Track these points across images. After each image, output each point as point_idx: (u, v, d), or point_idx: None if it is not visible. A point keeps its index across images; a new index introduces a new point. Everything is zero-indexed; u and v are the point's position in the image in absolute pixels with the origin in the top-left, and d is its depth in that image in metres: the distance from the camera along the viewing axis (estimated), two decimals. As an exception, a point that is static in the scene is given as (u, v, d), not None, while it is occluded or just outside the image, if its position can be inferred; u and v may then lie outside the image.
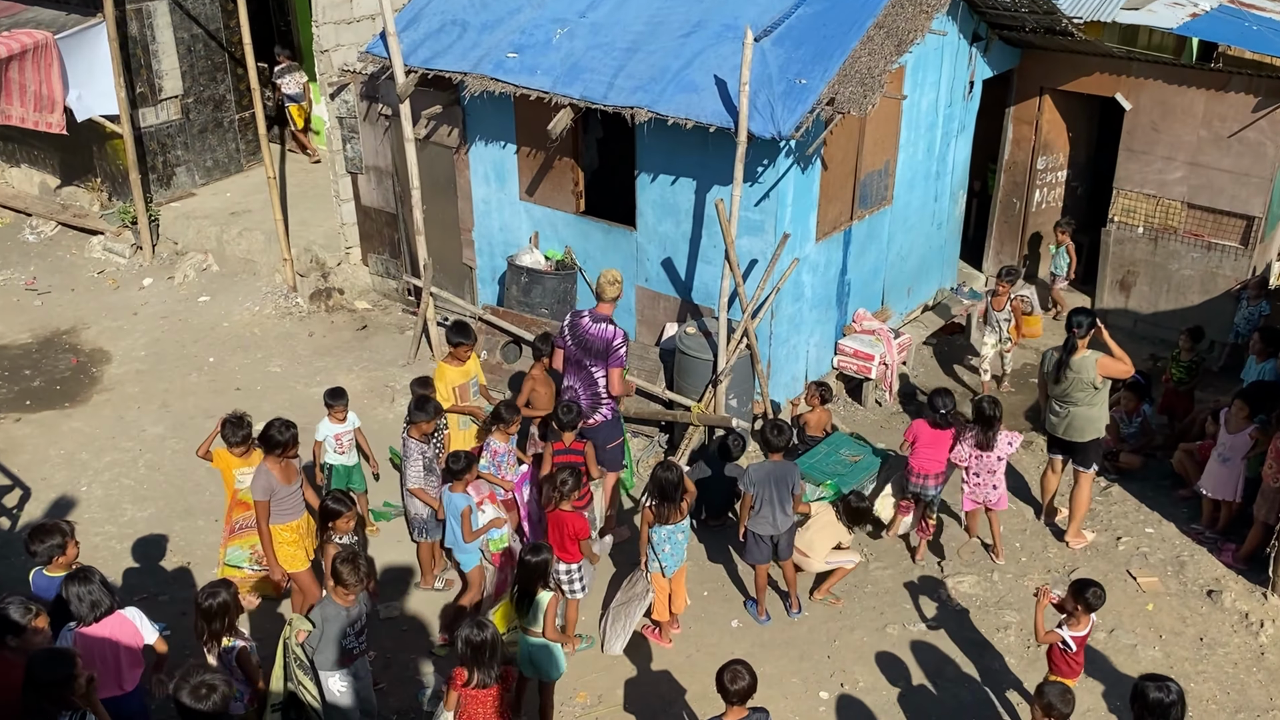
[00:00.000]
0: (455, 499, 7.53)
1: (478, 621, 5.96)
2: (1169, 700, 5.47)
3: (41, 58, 12.50)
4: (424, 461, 7.91)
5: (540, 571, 6.54)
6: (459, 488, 7.53)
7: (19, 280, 13.27)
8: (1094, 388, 8.19)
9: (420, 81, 10.36)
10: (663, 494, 7.32)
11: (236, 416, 7.75)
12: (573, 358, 8.60)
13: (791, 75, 8.88)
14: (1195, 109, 10.98)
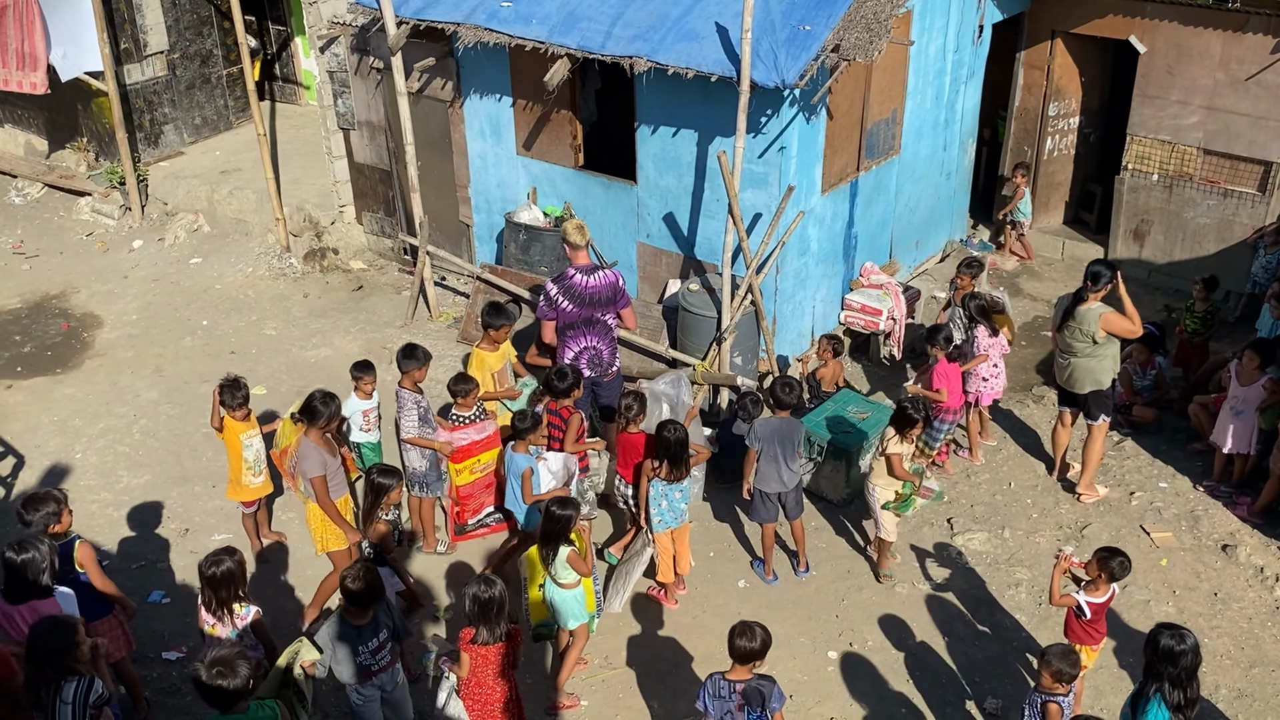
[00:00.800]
0: (517, 459, 7.55)
1: (485, 578, 6.02)
2: (1180, 648, 5.49)
3: (23, 14, 12.39)
4: (419, 411, 7.94)
5: (565, 525, 6.62)
6: (521, 448, 7.54)
7: (6, 244, 13.25)
8: (1093, 340, 8.20)
9: (412, 33, 10.27)
10: (669, 454, 7.33)
11: (232, 379, 7.75)
12: (578, 319, 8.41)
13: (795, 22, 8.79)
14: (1212, 51, 10.86)
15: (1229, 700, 7.20)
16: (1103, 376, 8.42)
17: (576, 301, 8.39)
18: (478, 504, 8.34)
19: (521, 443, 7.55)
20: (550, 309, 8.41)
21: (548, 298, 8.42)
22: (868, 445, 8.72)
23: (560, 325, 8.45)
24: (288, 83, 15.52)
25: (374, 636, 5.99)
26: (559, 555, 6.67)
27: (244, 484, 7.90)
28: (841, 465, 8.68)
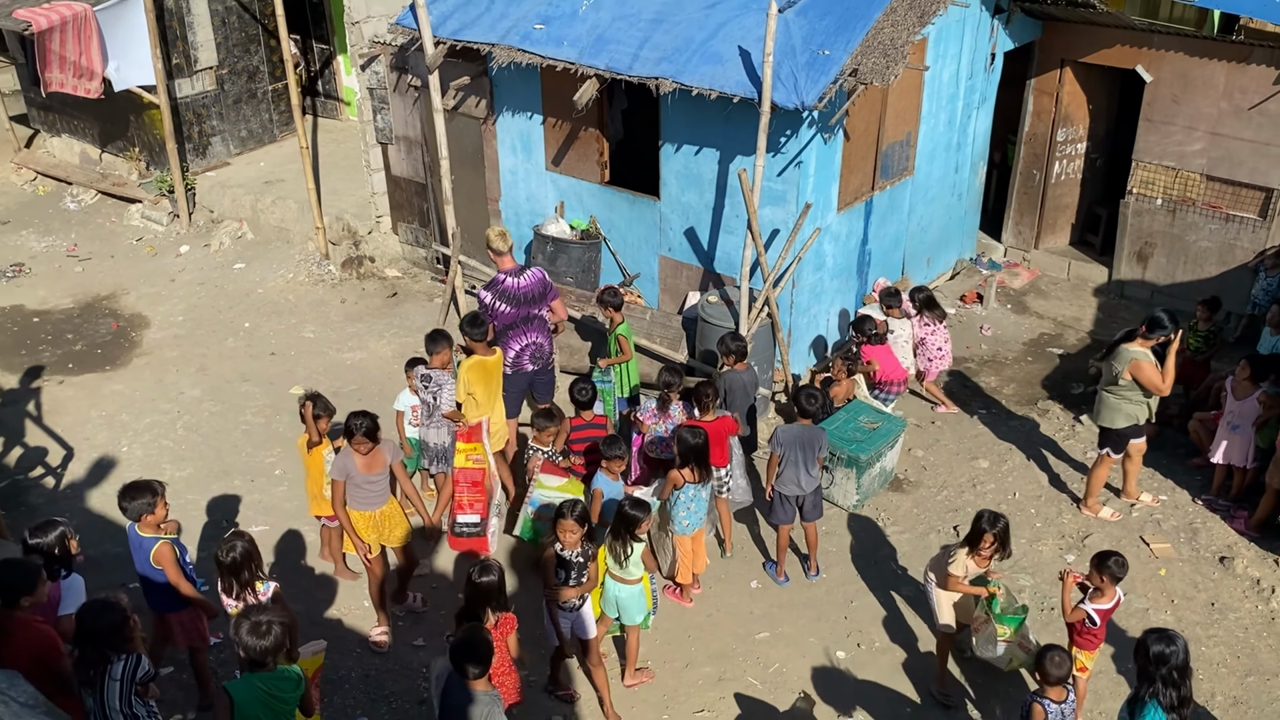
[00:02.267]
0: (597, 478, 7.41)
1: (483, 564, 6.02)
2: (1169, 650, 5.42)
3: (81, 29, 12.52)
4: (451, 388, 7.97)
5: (637, 523, 6.61)
6: (608, 472, 7.35)
7: (61, 247, 13.36)
8: (1117, 380, 8.12)
9: (449, 53, 10.31)
10: (694, 457, 7.30)
11: (315, 393, 7.63)
12: (518, 318, 8.55)
13: (815, 46, 8.78)
14: (1216, 81, 10.79)
15: (1224, 707, 7.13)
16: (1116, 416, 8.28)
17: (512, 303, 8.50)
18: (472, 499, 8.21)
19: (608, 466, 7.33)
20: (487, 313, 8.47)
21: (485, 305, 8.53)
22: (877, 452, 8.69)
23: (500, 327, 8.52)
24: (330, 98, 15.61)
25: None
26: (634, 551, 6.70)
27: (326, 497, 7.57)
28: (852, 472, 8.64)
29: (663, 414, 8.26)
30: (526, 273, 8.58)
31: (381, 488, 7.14)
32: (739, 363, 8.41)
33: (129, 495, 6.32)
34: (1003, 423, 9.92)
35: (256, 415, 10.03)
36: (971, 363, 10.91)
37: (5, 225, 13.86)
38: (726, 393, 8.27)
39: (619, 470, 7.35)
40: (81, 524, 8.61)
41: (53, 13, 12.41)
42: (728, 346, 8.43)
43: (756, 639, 7.65)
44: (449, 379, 8.00)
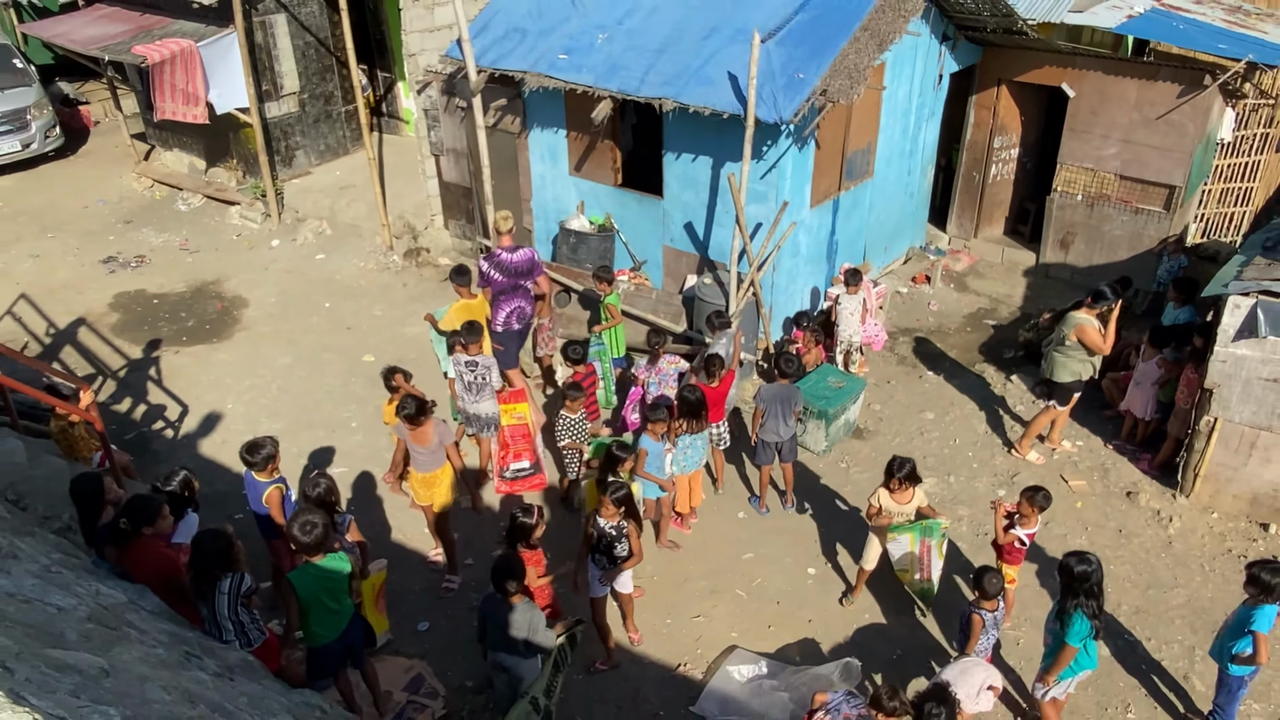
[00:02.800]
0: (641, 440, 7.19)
1: (525, 508, 6.09)
2: (1089, 569, 5.47)
3: (187, 62, 12.51)
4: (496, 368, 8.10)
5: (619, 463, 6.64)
6: (650, 433, 7.10)
7: (175, 242, 13.42)
8: (1064, 341, 8.09)
9: (489, 79, 10.26)
10: (691, 410, 7.34)
11: (397, 368, 7.62)
12: (506, 286, 8.70)
13: (791, 70, 8.70)
14: (1129, 96, 10.64)
15: (1129, 615, 7.17)
16: (1061, 372, 8.23)
17: (504, 273, 8.66)
18: (517, 450, 8.33)
19: (651, 428, 7.08)
20: (483, 280, 8.70)
21: (480, 272, 8.71)
22: (842, 406, 8.70)
23: (494, 292, 8.71)
24: (392, 118, 15.55)
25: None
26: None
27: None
28: (822, 423, 8.65)
29: (652, 367, 8.37)
30: (520, 251, 8.70)
31: (432, 457, 6.95)
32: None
33: (251, 451, 6.40)
34: (946, 382, 9.90)
35: (335, 379, 10.09)
36: (921, 332, 10.87)
37: (129, 224, 13.91)
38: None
39: (660, 432, 7.05)
40: (195, 468, 8.60)
41: (164, 48, 12.40)
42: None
43: (743, 559, 7.71)
44: (493, 361, 8.07)
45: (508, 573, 5.47)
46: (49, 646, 3.49)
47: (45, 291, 11.99)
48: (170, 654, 4.34)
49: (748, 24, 9.21)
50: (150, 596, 5.38)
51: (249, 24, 12.85)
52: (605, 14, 10.13)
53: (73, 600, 4.29)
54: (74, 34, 13.73)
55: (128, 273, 12.52)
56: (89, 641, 3.84)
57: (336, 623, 5.61)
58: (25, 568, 4.58)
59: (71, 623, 3.96)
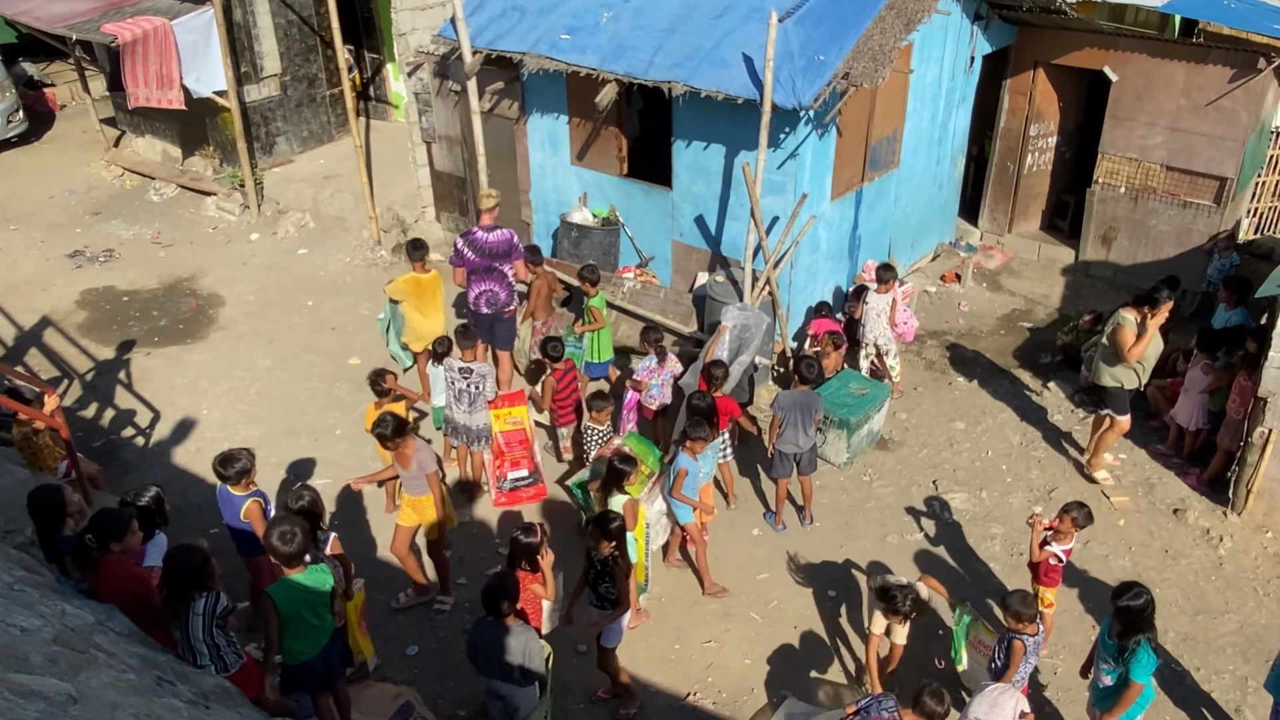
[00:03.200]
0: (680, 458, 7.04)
1: (528, 527, 6.09)
2: (1146, 600, 5.48)
3: (161, 42, 12.54)
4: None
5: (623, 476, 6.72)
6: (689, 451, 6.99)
7: (146, 235, 13.45)
8: (1106, 340, 8.06)
9: (485, 61, 10.28)
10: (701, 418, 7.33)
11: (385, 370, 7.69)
12: (480, 267, 8.94)
13: (811, 52, 8.70)
14: (1176, 80, 10.62)
15: (1176, 642, 7.14)
16: (1103, 375, 8.12)
17: (477, 252, 8.87)
18: (514, 458, 8.35)
19: (691, 446, 6.98)
20: (458, 258, 8.92)
21: (455, 249, 8.96)
22: (865, 415, 8.69)
23: (468, 271, 8.95)
24: (380, 102, 15.59)
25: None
26: (613, 502, 6.72)
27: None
28: (843, 433, 8.64)
29: (661, 366, 8.44)
30: (497, 231, 8.91)
31: (414, 481, 6.90)
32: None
33: (225, 464, 6.39)
34: (978, 389, 9.89)
35: (319, 382, 10.11)
36: (950, 335, 10.86)
37: (98, 215, 13.96)
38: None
39: (699, 451, 6.97)
40: (167, 477, 8.75)
41: (135, 27, 12.44)
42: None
43: (757, 579, 7.70)
44: (490, 369, 8.08)
45: (500, 593, 5.48)
46: (13, 671, 3.50)
47: (7, 287, 12.04)
48: (142, 679, 4.34)
49: (764, 2, 9.22)
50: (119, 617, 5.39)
51: (227, 1, 12.88)
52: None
53: (38, 621, 4.30)
54: (39, 11, 13.78)
55: (96, 268, 12.56)
56: (55, 665, 3.84)
57: (317, 639, 5.64)
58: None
59: (37, 645, 3.97)
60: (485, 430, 8.21)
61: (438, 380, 8.44)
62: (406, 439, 6.81)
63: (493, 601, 5.47)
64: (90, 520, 5.62)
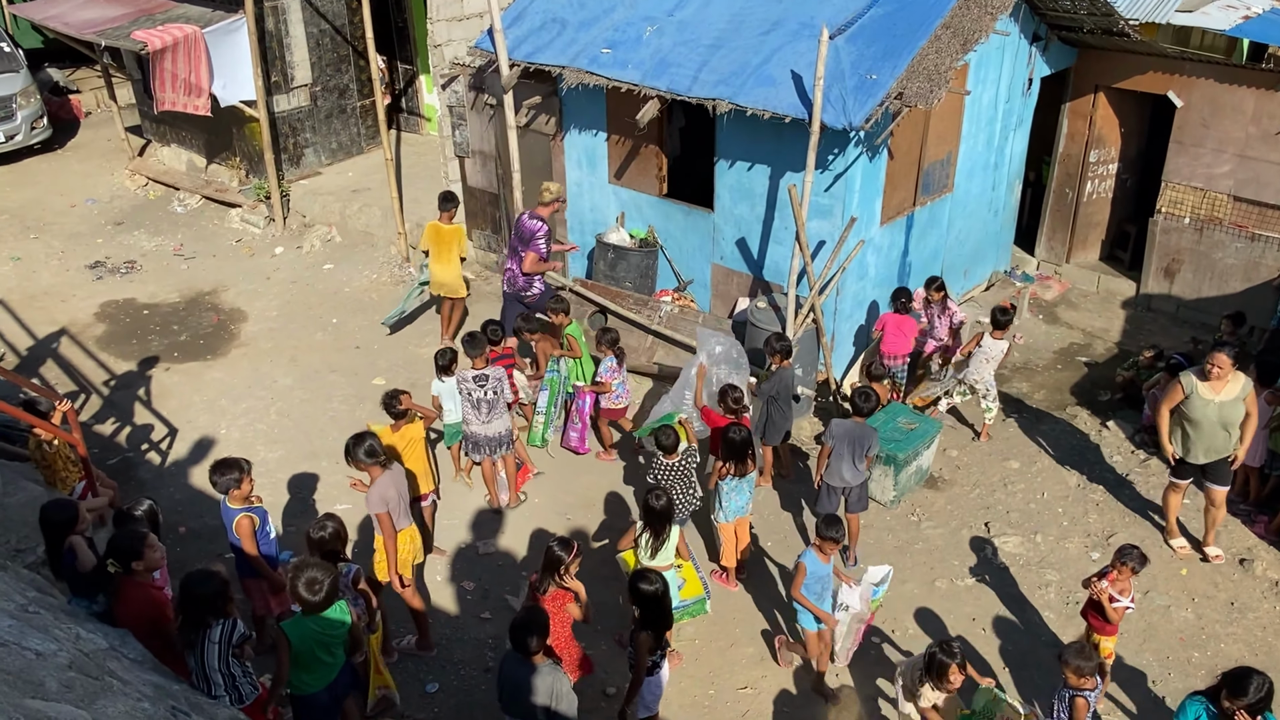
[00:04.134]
0: (808, 557, 6.60)
1: (562, 540, 6.12)
2: (1265, 684, 5.10)
3: (191, 49, 12.76)
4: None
5: (669, 515, 6.66)
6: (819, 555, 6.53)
7: (168, 247, 13.63)
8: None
9: (522, 74, 10.36)
10: (734, 452, 7.28)
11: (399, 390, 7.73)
12: (511, 246, 9.98)
13: (863, 71, 8.69)
14: (1245, 107, 10.51)
15: None
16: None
17: (514, 233, 9.92)
18: None
19: (819, 544, 6.47)
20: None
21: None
22: (914, 452, 8.58)
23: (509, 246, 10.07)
24: (412, 115, 15.76)
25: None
26: (668, 542, 6.70)
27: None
28: (890, 470, 8.54)
29: (621, 366, 8.95)
30: (533, 220, 9.71)
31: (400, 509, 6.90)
32: (784, 360, 8.34)
33: (219, 471, 6.44)
34: (1033, 426, 9.76)
35: (342, 403, 10.15)
36: (1004, 369, 10.73)
37: (120, 226, 14.17)
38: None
39: (832, 551, 6.48)
40: (184, 498, 8.81)
41: (166, 34, 12.67)
42: (774, 346, 8.35)
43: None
44: (503, 372, 8.21)
45: (528, 629, 5.42)
46: (28, 696, 3.49)
47: (25, 298, 12.22)
48: (156, 709, 4.32)
49: (814, 18, 9.24)
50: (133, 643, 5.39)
51: (260, 9, 13.09)
52: (655, 4, 10.21)
53: (52, 645, 4.30)
54: (68, 17, 14.09)
55: (116, 279, 12.73)
56: (70, 692, 3.83)
57: (327, 674, 5.66)
58: (1, 606, 4.60)
59: (52, 670, 3.96)
60: (507, 436, 8.28)
61: (445, 395, 8.45)
62: (371, 466, 6.75)
63: (520, 637, 5.42)
64: (109, 545, 5.65)
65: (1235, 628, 7.52)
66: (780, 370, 8.33)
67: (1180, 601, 7.74)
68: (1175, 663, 7.20)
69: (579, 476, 9.07)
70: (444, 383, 8.36)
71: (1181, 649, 7.31)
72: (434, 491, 7.96)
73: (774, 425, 8.49)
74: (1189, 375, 7.68)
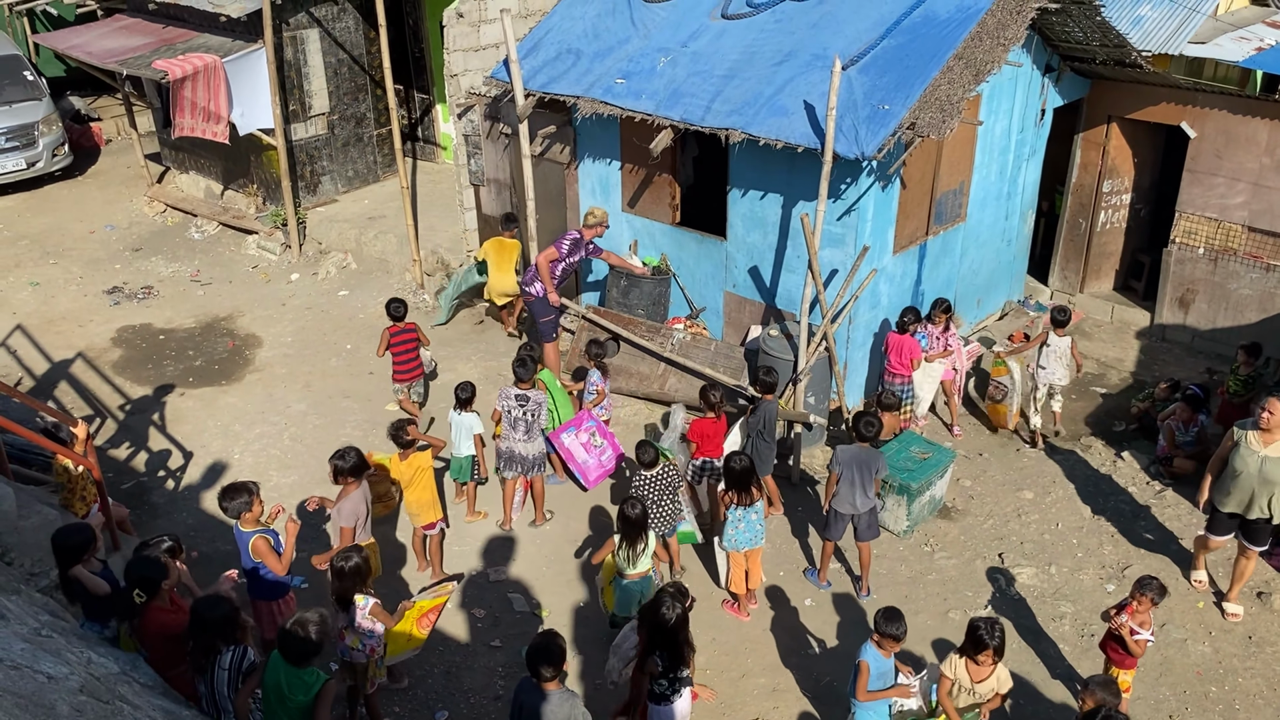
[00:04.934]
0: (867, 652, 6.18)
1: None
2: None
3: (210, 78, 12.92)
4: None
5: (643, 524, 6.88)
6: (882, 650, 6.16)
7: (185, 273, 13.74)
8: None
9: (538, 104, 10.46)
10: (737, 481, 7.28)
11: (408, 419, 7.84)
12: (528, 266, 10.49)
13: (875, 101, 8.74)
14: (1259, 137, 10.52)
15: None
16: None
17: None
18: None
19: (879, 640, 6.08)
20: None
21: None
22: (927, 481, 8.55)
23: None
24: (428, 144, 15.90)
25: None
26: (646, 549, 6.94)
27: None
28: (903, 500, 8.51)
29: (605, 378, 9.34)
30: (563, 237, 10.17)
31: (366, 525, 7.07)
32: (768, 394, 8.34)
33: (229, 495, 6.50)
34: (1047, 457, 9.71)
35: (355, 429, 10.18)
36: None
37: (138, 252, 14.30)
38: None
39: (893, 650, 6.10)
40: (196, 523, 8.83)
41: (186, 63, 12.84)
42: (760, 379, 8.40)
43: (810, 653, 7.54)
44: (543, 397, 8.51)
45: (544, 654, 5.41)
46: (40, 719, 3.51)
47: (44, 322, 12.33)
48: (167, 735, 4.33)
49: (827, 49, 9.31)
50: (143, 668, 5.42)
51: (279, 39, 13.28)
52: (668, 36, 10.30)
53: (64, 669, 4.32)
54: (90, 46, 14.30)
55: (133, 305, 12.83)
56: (82, 716, 3.85)
57: None
58: (14, 629, 4.63)
59: (63, 694, 3.98)
60: (541, 458, 8.51)
61: (459, 429, 8.48)
62: (352, 483, 6.91)
63: (535, 663, 5.41)
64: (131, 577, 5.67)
65: (1253, 662, 7.43)
66: (764, 404, 8.29)
67: (1197, 635, 7.65)
68: (1192, 697, 7.12)
69: (590, 501, 9.06)
70: (460, 416, 8.42)
71: (1199, 683, 7.23)
72: (442, 520, 7.97)
73: (760, 458, 8.27)
74: (1243, 424, 7.51)
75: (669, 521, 7.80)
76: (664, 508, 7.70)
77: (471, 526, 8.74)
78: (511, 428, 8.39)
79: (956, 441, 9.88)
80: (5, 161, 15.61)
